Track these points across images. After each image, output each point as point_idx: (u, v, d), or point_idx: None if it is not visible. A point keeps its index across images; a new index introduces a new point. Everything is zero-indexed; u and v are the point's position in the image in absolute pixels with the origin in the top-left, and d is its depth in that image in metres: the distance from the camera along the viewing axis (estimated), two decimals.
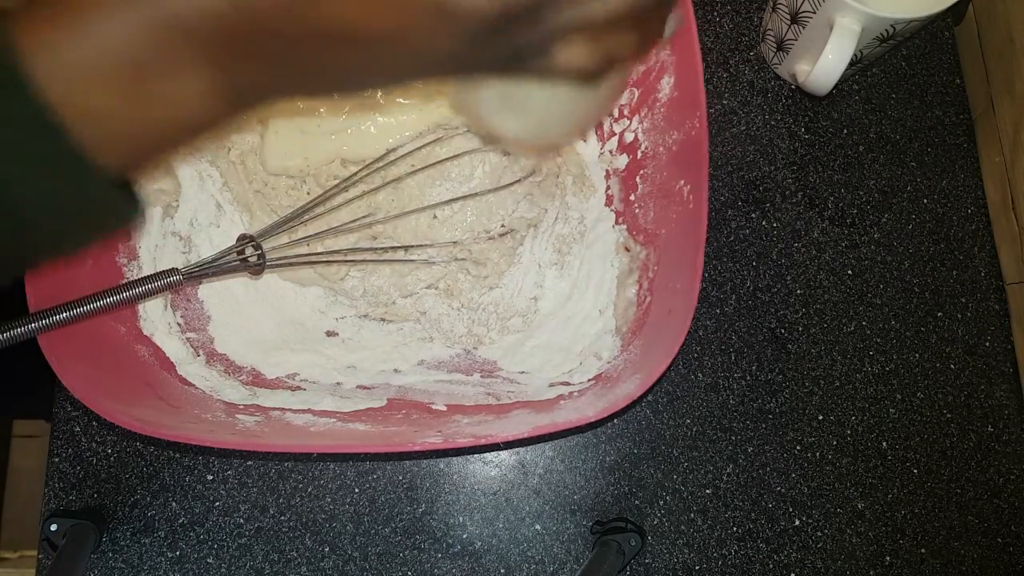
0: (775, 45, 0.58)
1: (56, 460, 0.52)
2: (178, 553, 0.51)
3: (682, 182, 0.46)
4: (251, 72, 0.24)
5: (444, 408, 0.49)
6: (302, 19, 0.22)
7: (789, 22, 0.54)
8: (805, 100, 0.61)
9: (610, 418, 0.53)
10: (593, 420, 0.41)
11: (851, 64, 0.50)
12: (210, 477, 0.52)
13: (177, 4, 0.22)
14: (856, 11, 0.48)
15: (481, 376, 0.53)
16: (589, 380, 0.49)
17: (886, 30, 0.49)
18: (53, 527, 0.49)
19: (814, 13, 0.51)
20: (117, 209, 0.26)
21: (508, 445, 0.53)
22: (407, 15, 0.22)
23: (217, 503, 0.52)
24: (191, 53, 0.23)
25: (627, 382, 0.44)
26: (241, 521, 0.52)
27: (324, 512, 0.52)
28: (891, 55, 0.62)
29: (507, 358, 0.53)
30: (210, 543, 0.52)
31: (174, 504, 0.52)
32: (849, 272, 0.58)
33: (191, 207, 0.54)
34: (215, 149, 0.54)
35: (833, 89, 0.52)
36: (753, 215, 0.58)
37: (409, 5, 0.22)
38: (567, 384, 0.50)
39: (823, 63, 0.49)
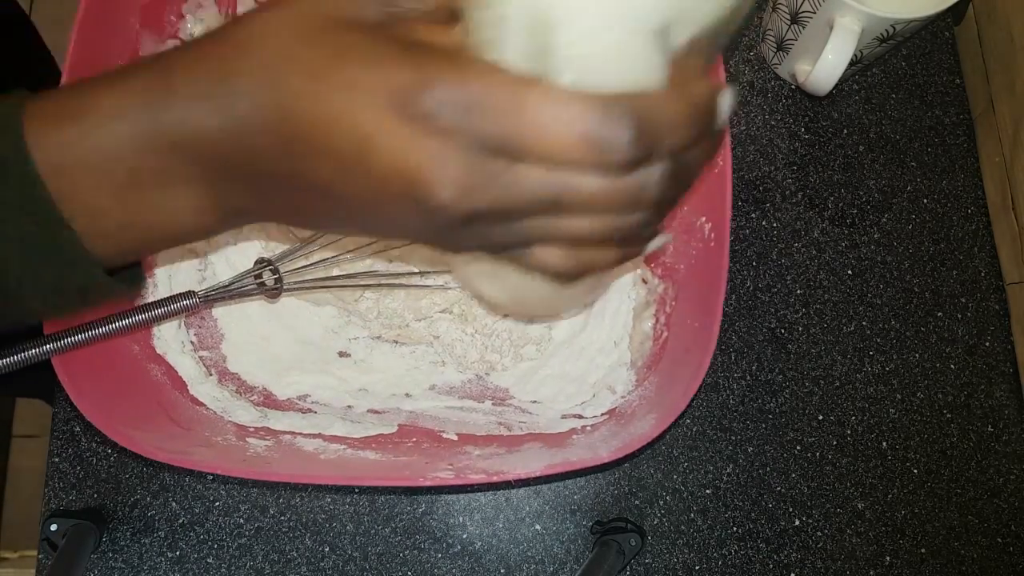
0: (775, 45, 0.58)
1: (56, 460, 0.52)
2: (178, 553, 0.51)
3: (703, 219, 0.46)
4: (239, 196, 0.25)
5: (455, 437, 0.48)
6: (284, 164, 0.23)
7: (789, 22, 0.54)
8: (805, 100, 0.61)
9: (625, 459, 0.52)
10: (607, 461, 0.41)
11: (851, 64, 0.50)
12: (210, 477, 0.52)
13: (172, 122, 0.23)
14: (856, 11, 0.48)
15: (493, 404, 0.52)
16: (602, 414, 0.48)
17: (886, 30, 0.49)
18: (53, 527, 0.49)
19: (814, 13, 0.51)
20: (112, 287, 0.28)
21: (520, 483, 0.53)
22: (379, 192, 0.23)
23: (217, 503, 0.52)
24: (184, 170, 0.24)
25: (641, 420, 0.44)
26: (241, 521, 0.52)
27: (324, 512, 0.52)
28: (891, 55, 0.62)
29: (519, 386, 0.53)
30: (210, 543, 0.52)
31: (174, 504, 0.52)
32: (849, 272, 0.58)
33: None
34: None
35: (833, 89, 0.52)
36: (753, 215, 0.58)
37: (382, 185, 0.23)
38: (580, 417, 0.49)
39: (823, 63, 0.49)
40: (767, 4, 0.58)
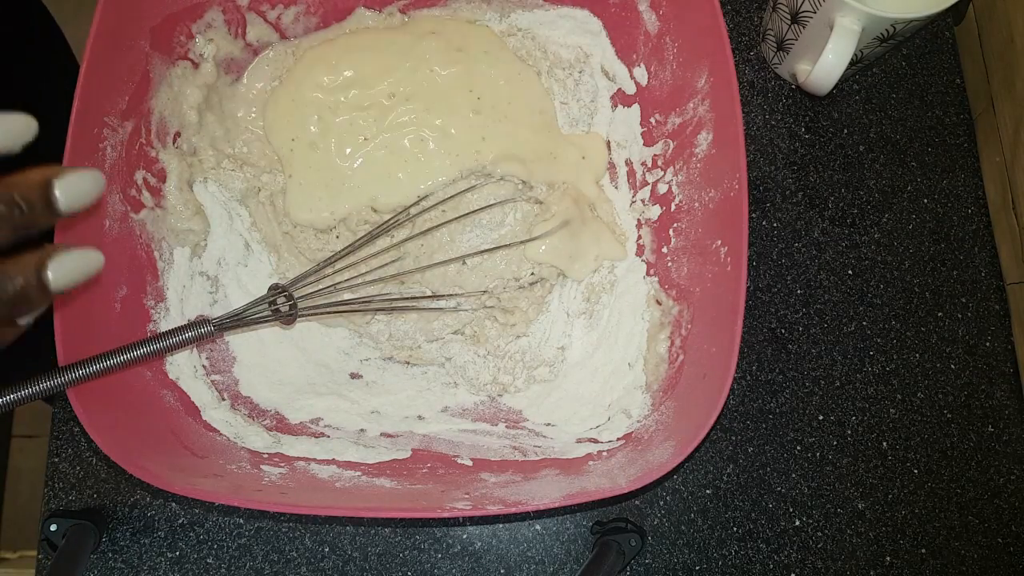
0: (775, 45, 0.58)
1: (56, 460, 0.52)
2: (178, 553, 0.51)
3: (719, 242, 0.45)
4: None
5: (470, 463, 0.48)
6: None
7: (789, 22, 0.54)
8: (805, 100, 0.61)
9: (643, 490, 0.52)
10: (626, 492, 0.40)
11: (851, 64, 0.50)
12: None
13: None
14: (856, 11, 0.48)
15: (506, 427, 0.52)
16: (619, 439, 0.48)
17: (886, 30, 0.49)
18: (53, 527, 0.49)
19: (814, 13, 0.51)
20: None
21: (539, 514, 0.53)
22: None
23: (216, 503, 0.52)
24: None
25: (659, 448, 0.43)
26: (241, 521, 0.52)
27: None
28: (891, 55, 0.62)
29: (533, 408, 0.53)
30: (210, 543, 0.52)
31: (174, 504, 0.52)
32: (849, 272, 0.58)
33: (219, 247, 0.53)
34: (245, 189, 0.54)
35: (833, 89, 0.52)
36: (753, 215, 0.58)
37: None
38: (595, 441, 0.49)
39: (823, 63, 0.49)
40: (767, 4, 0.58)
